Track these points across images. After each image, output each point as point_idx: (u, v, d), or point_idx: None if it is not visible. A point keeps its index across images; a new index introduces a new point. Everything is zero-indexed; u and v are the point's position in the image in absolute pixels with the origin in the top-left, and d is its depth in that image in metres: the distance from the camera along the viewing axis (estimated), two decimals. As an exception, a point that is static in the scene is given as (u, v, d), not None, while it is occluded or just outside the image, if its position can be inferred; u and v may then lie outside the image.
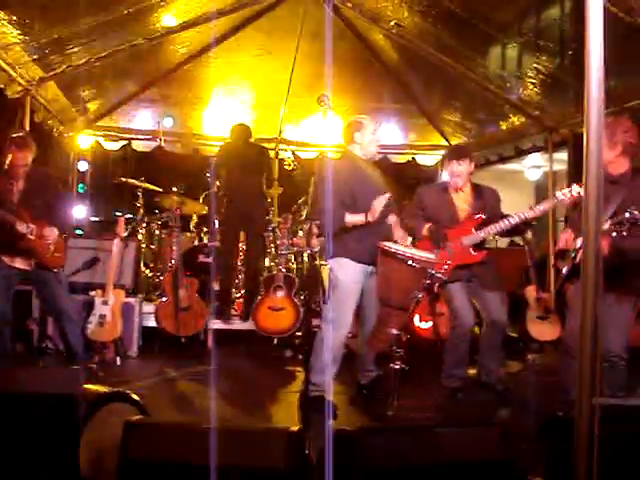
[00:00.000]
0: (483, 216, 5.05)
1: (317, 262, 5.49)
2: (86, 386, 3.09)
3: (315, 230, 3.79)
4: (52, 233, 5.08)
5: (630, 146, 4.15)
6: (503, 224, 4.96)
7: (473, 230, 5.04)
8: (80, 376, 3.11)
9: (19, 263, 5.06)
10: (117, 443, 2.51)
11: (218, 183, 7.36)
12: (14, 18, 5.01)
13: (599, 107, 2.06)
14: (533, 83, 6.67)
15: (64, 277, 5.43)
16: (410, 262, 4.41)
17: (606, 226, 3.84)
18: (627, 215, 3.79)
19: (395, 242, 4.79)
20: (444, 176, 6.95)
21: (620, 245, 3.89)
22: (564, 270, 4.44)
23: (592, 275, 2.06)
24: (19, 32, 5.27)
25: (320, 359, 4.73)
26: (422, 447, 2.49)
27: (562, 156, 8.10)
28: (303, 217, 7.56)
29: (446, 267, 4.68)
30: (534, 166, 11.16)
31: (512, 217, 4.97)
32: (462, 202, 5.21)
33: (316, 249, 3.79)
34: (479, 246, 5.11)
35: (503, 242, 8.41)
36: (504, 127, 8.03)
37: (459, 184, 5.16)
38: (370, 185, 4.93)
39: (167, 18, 6.45)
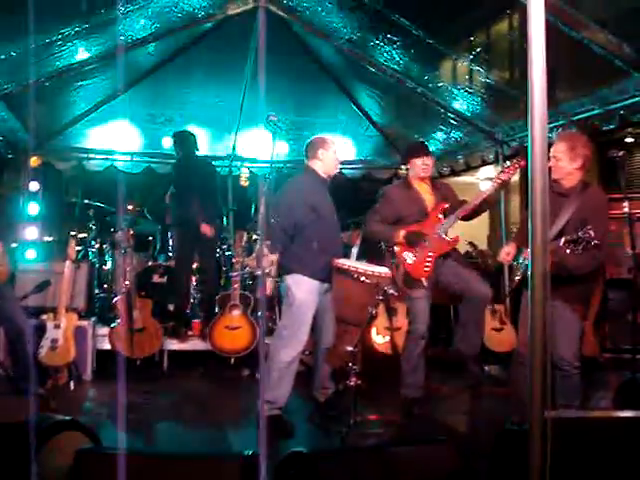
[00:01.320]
0: (446, 205, 5.26)
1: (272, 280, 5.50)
2: (37, 414, 3.03)
3: (265, 250, 3.78)
4: None
5: (588, 160, 4.27)
6: (468, 205, 5.19)
7: (442, 217, 5.14)
8: (31, 404, 3.05)
9: None
10: (68, 472, 2.45)
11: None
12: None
13: (542, 120, 2.10)
14: (483, 97, 6.76)
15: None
16: (363, 278, 4.42)
17: (561, 242, 3.91)
18: (581, 234, 3.84)
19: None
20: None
21: (565, 261, 3.96)
22: (516, 279, 4.54)
23: (540, 287, 2.09)
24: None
25: (273, 376, 4.71)
26: (377, 467, 2.48)
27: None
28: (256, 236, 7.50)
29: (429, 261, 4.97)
30: (487, 178, 11.27)
31: (475, 198, 5.20)
32: (426, 193, 5.40)
33: (267, 270, 3.76)
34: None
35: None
36: (455, 141, 8.12)
37: (427, 175, 5.40)
38: (328, 202, 5.07)
39: (117, 36, 6.38)
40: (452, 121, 7.59)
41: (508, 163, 5.11)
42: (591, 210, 4.17)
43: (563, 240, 3.91)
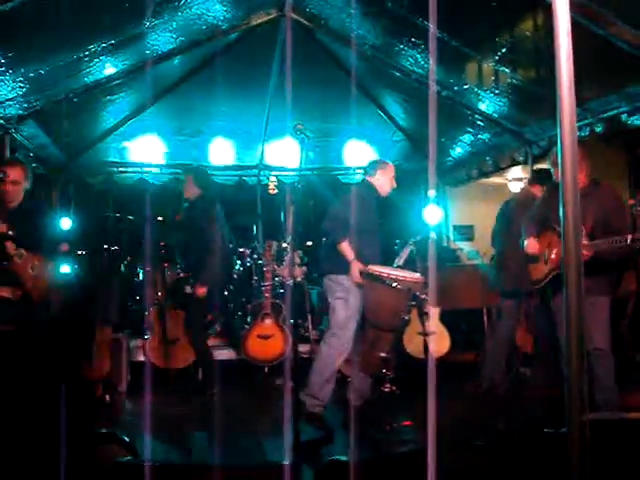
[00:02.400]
0: None
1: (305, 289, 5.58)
2: (76, 427, 3.06)
3: (297, 260, 3.79)
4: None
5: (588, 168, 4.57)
6: None
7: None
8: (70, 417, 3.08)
9: (5, 292, 4.93)
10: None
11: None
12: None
13: (571, 119, 2.07)
14: (509, 98, 6.71)
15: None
16: (395, 284, 4.41)
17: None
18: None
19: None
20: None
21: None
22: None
23: (574, 286, 2.06)
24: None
25: (324, 374, 4.82)
26: (414, 474, 2.46)
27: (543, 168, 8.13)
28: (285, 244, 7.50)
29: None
30: (516, 179, 11.18)
31: None
32: None
33: (299, 278, 3.76)
34: None
35: (487, 257, 8.39)
36: (483, 142, 8.07)
37: None
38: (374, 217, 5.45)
39: (143, 51, 6.44)
40: (479, 123, 7.53)
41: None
42: (610, 207, 4.47)
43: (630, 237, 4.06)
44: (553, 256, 4.68)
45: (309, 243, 9.25)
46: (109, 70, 6.47)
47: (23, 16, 4.51)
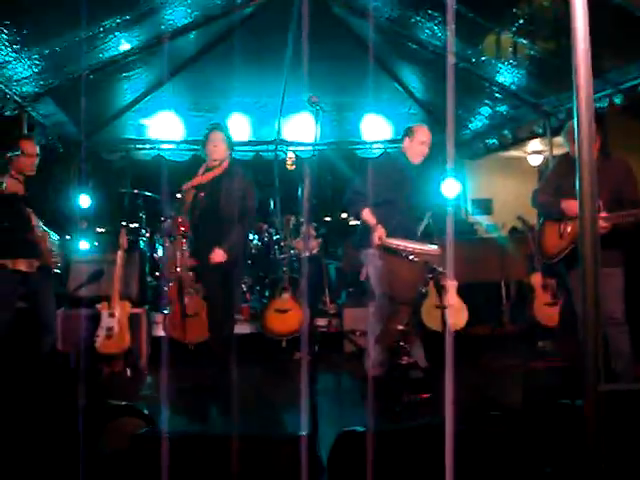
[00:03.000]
0: None
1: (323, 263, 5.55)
2: (96, 400, 3.11)
3: (313, 232, 3.78)
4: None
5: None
6: None
7: None
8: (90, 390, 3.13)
9: (12, 265, 5.03)
10: (126, 455, 2.52)
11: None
12: (5, 36, 5.00)
13: (588, 90, 2.06)
14: (527, 69, 6.64)
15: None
16: (412, 257, 4.40)
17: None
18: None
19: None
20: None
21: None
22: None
23: (590, 258, 2.06)
24: (11, 50, 5.28)
25: (384, 340, 5.01)
26: (429, 446, 2.48)
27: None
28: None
29: None
30: (535, 151, 11.11)
31: None
32: None
33: (314, 251, 3.76)
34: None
35: (505, 230, 8.36)
36: (501, 115, 8.00)
37: None
38: (404, 183, 5.32)
39: (158, 26, 6.43)
40: (497, 95, 7.47)
41: None
42: (623, 179, 4.44)
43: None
44: (569, 229, 4.64)
45: (327, 218, 9.25)
46: (124, 46, 6.49)
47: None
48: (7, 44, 5.15)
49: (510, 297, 7.56)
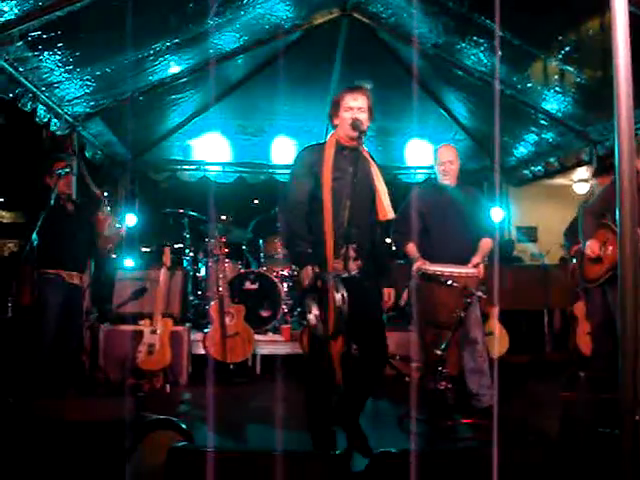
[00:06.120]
0: None
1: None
2: (134, 413, 3.15)
3: (352, 253, 3.80)
4: None
5: None
6: None
7: None
8: (128, 404, 3.18)
9: (74, 279, 5.38)
10: (162, 469, 2.54)
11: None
12: (58, 57, 5.16)
13: (629, 120, 2.06)
14: (574, 97, 6.60)
15: None
16: (450, 282, 4.40)
17: None
18: None
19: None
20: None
21: None
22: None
23: (630, 283, 2.04)
24: (63, 70, 5.43)
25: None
26: (464, 469, 2.47)
27: (609, 168, 7.98)
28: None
29: None
30: (581, 180, 10.98)
31: None
32: None
33: (353, 272, 3.77)
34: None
35: (554, 258, 8.28)
36: (547, 142, 7.94)
37: None
38: (441, 206, 5.26)
39: (207, 50, 6.55)
40: (543, 122, 7.42)
41: None
42: None
43: None
44: (609, 254, 4.58)
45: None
46: (174, 69, 6.61)
47: (90, 16, 4.66)
48: (60, 65, 5.29)
49: (553, 325, 7.47)
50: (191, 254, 8.09)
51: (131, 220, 8.54)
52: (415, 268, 4.90)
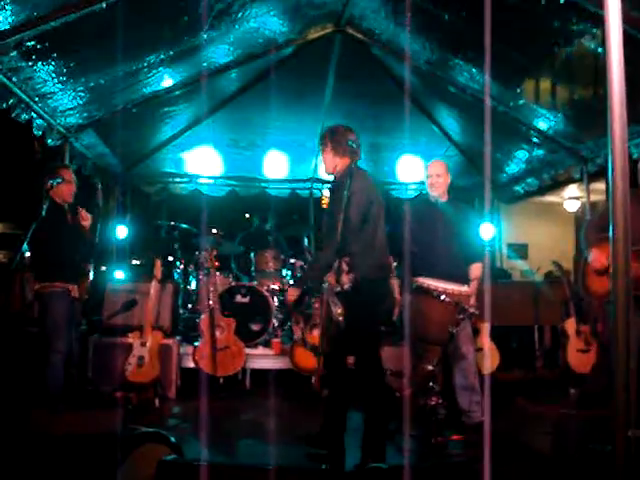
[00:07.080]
0: None
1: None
2: (122, 426, 3.13)
3: (345, 267, 3.79)
4: None
5: None
6: None
7: None
8: (117, 417, 3.16)
9: (75, 292, 5.30)
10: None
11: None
12: (52, 67, 5.15)
13: (622, 137, 2.07)
14: (566, 114, 6.63)
15: None
16: (443, 297, 4.39)
17: None
18: None
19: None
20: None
21: None
22: None
23: (622, 303, 2.04)
24: (57, 81, 5.42)
25: None
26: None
27: (599, 186, 8.02)
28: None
29: None
30: (572, 197, 11.04)
31: None
32: None
33: (346, 286, 3.76)
34: None
35: (540, 274, 8.30)
36: (538, 159, 7.97)
37: None
38: (428, 220, 5.24)
39: (200, 63, 6.55)
40: (534, 139, 7.45)
41: None
42: None
43: None
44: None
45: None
46: (167, 82, 6.61)
47: (84, 27, 4.65)
48: (54, 75, 5.28)
49: (544, 342, 7.48)
50: (182, 267, 8.07)
51: (122, 232, 8.52)
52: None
